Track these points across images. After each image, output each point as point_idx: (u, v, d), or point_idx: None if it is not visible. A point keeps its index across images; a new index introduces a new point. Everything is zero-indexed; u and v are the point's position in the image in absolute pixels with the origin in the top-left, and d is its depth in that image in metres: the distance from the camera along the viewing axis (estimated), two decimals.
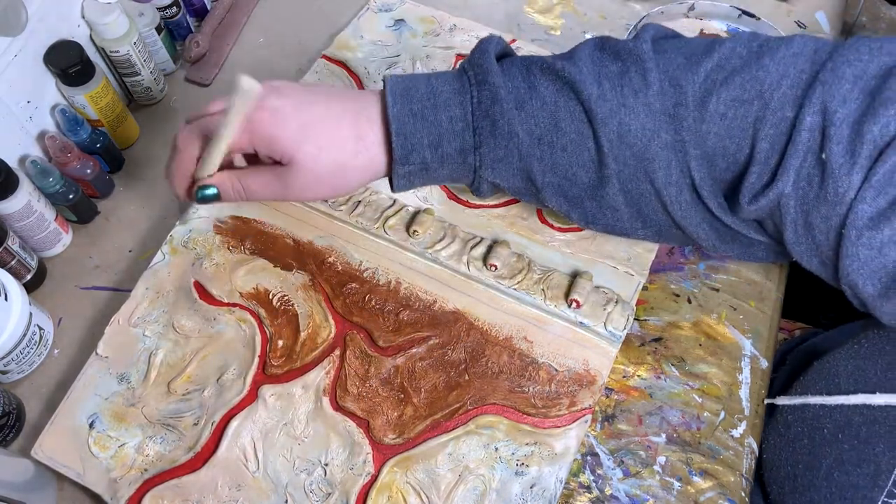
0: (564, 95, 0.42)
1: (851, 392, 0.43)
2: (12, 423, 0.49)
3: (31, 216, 0.52)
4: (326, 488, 0.46)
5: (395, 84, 0.44)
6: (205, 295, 0.52)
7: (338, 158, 0.43)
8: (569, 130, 0.42)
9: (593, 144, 0.42)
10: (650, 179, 0.42)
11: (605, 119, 0.41)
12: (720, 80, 0.41)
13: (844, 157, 0.37)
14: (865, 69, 0.38)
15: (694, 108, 0.41)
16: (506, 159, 0.44)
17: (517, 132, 0.42)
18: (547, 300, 0.52)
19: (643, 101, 0.41)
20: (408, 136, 0.43)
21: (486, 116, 0.42)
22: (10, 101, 0.53)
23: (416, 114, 0.43)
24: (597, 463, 0.48)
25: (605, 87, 0.41)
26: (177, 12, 0.65)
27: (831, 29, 0.72)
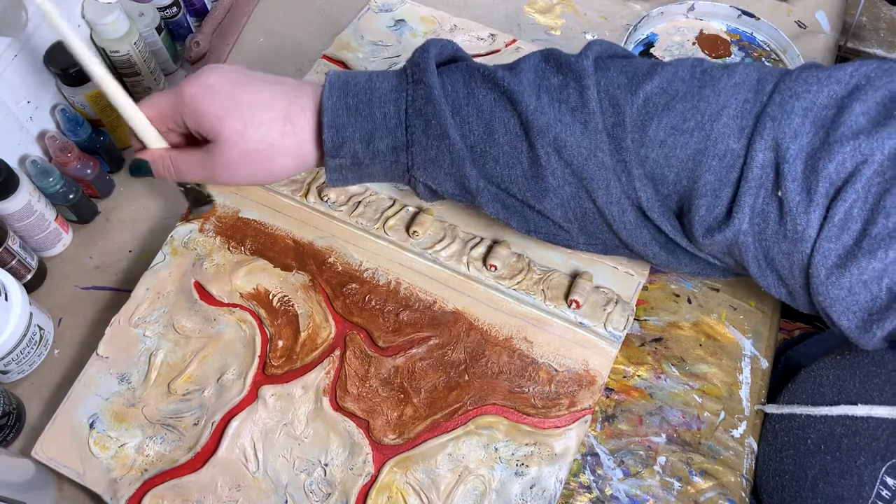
0: (501, 106, 0.42)
1: (834, 402, 0.43)
2: (12, 423, 0.49)
3: (32, 216, 0.52)
4: (326, 488, 0.46)
5: (336, 78, 0.44)
6: (205, 295, 0.52)
7: (264, 137, 0.43)
8: (503, 142, 0.42)
9: (527, 158, 0.42)
10: (592, 199, 0.42)
11: (541, 131, 0.41)
12: (661, 105, 0.40)
13: (801, 195, 0.37)
14: (815, 100, 0.38)
15: (632, 129, 0.40)
16: (437, 160, 0.43)
17: (449, 134, 0.42)
18: (547, 300, 0.52)
19: (580, 118, 0.41)
20: (339, 129, 0.43)
21: (420, 115, 0.42)
22: (10, 101, 0.53)
23: (351, 107, 0.43)
24: (597, 463, 0.48)
25: (544, 100, 0.41)
26: (177, 12, 0.65)
27: (831, 29, 0.72)
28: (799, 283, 0.40)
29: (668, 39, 0.70)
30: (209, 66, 0.44)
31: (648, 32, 0.70)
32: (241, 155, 0.43)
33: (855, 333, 0.39)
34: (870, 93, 0.37)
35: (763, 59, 0.68)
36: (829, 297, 0.38)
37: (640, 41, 0.70)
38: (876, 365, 0.42)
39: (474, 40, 0.66)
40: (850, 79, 0.38)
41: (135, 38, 0.59)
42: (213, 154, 0.43)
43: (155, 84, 0.63)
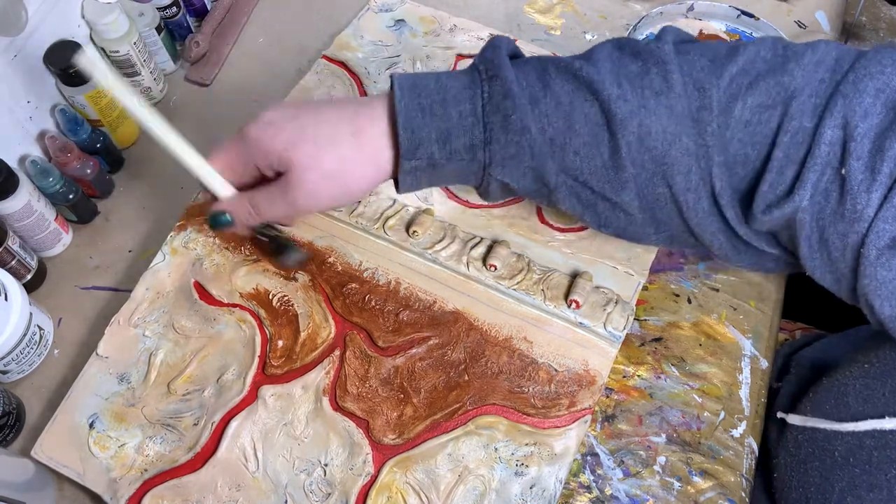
0: (580, 96, 0.41)
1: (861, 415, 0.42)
2: (12, 423, 0.49)
3: (31, 216, 0.52)
4: (326, 488, 0.46)
5: (404, 80, 0.43)
6: (205, 295, 0.52)
7: (339, 155, 0.42)
8: (583, 132, 0.41)
9: (607, 148, 0.41)
10: (668, 184, 0.41)
11: (624, 120, 0.40)
12: (745, 85, 0.40)
13: (864, 174, 0.36)
14: (889, 82, 0.38)
15: (718, 113, 0.40)
16: (517, 157, 0.42)
17: (530, 128, 0.41)
18: (547, 300, 0.52)
19: (665, 103, 0.40)
20: (415, 130, 0.42)
21: (498, 111, 0.41)
22: (10, 101, 0.53)
23: (425, 108, 0.42)
24: (597, 463, 0.48)
25: (626, 87, 0.40)
26: (177, 12, 0.65)
27: (831, 29, 0.72)
28: (848, 266, 0.39)
29: None
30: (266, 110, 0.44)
31: (648, 32, 0.70)
32: (319, 177, 0.42)
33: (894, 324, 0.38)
34: None
35: None
36: (875, 279, 0.37)
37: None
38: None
39: (474, 40, 0.66)
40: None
41: (135, 38, 0.59)
42: (291, 184, 0.42)
43: (155, 84, 0.63)
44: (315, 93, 0.62)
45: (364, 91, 0.63)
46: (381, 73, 0.64)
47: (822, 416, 0.46)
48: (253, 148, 0.43)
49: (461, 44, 0.66)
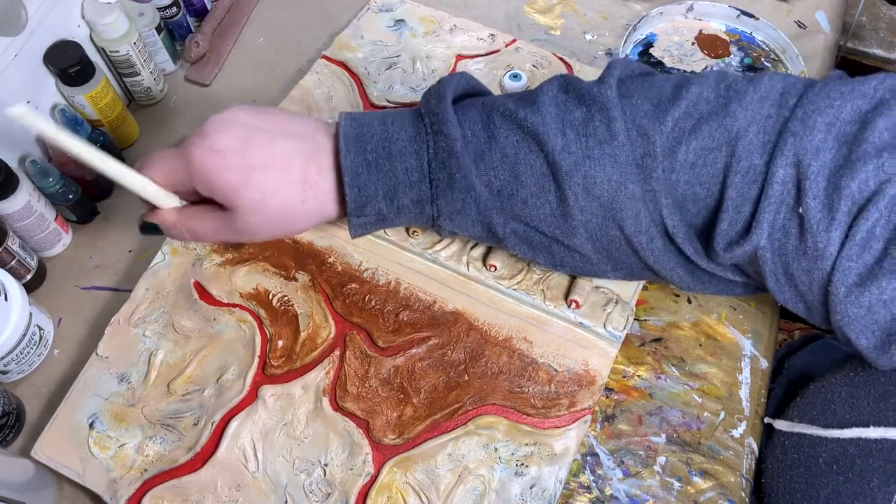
0: (525, 147, 0.41)
1: (846, 422, 0.42)
2: (12, 423, 0.49)
3: (31, 216, 0.52)
4: (326, 488, 0.46)
5: (350, 129, 0.42)
6: (205, 295, 0.52)
7: (284, 205, 0.42)
8: (529, 183, 0.41)
9: (555, 197, 0.41)
10: (619, 228, 0.41)
11: (569, 172, 0.40)
12: (688, 129, 0.40)
13: (822, 213, 0.36)
14: (838, 115, 0.37)
15: (662, 158, 0.40)
16: (463, 211, 0.43)
17: (474, 186, 0.41)
18: (546, 300, 0.52)
19: (609, 152, 0.40)
20: (362, 189, 0.42)
21: (443, 168, 0.41)
22: (10, 101, 0.52)
23: (371, 163, 0.41)
24: (597, 463, 0.48)
25: (570, 137, 0.40)
26: (177, 12, 0.65)
27: (831, 29, 0.72)
28: (818, 299, 0.39)
29: (667, 39, 0.70)
30: (213, 121, 0.42)
31: (648, 32, 0.70)
32: (262, 221, 0.42)
33: (873, 353, 0.38)
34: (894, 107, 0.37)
35: (762, 59, 0.69)
36: (847, 315, 0.37)
37: (640, 41, 0.70)
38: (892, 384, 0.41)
39: (474, 40, 0.66)
40: (875, 93, 0.38)
41: (134, 38, 0.59)
42: (232, 222, 0.42)
43: (155, 84, 0.63)
44: (315, 93, 0.62)
45: (364, 91, 0.63)
46: (381, 73, 0.64)
47: (808, 421, 0.46)
48: (196, 175, 0.41)
49: (461, 44, 0.66)
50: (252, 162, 0.41)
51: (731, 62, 0.68)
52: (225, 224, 0.43)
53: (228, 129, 0.42)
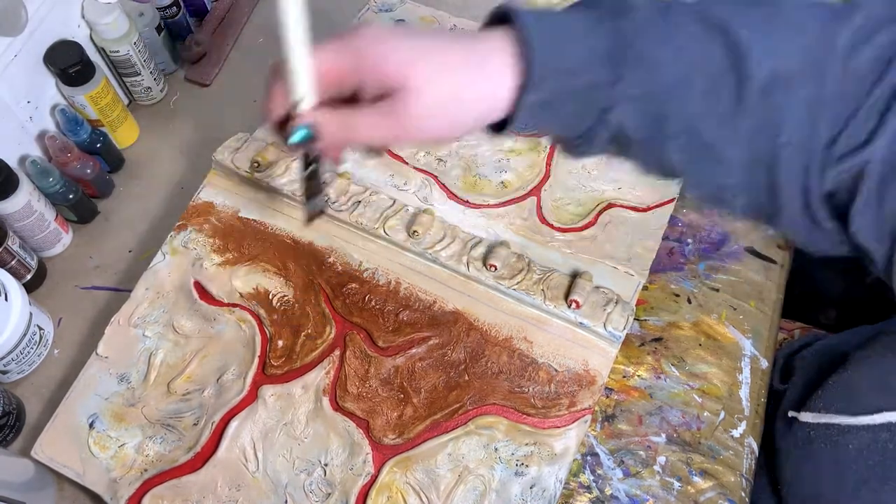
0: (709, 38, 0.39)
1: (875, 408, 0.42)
2: (12, 423, 0.49)
3: (31, 216, 0.52)
4: (326, 488, 0.46)
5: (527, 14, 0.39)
6: (205, 295, 0.52)
7: (459, 80, 0.39)
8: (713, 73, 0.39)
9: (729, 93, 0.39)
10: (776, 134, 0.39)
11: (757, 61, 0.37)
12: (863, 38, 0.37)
13: None
14: None
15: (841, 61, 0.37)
16: (641, 99, 0.40)
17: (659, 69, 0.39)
18: (547, 300, 0.52)
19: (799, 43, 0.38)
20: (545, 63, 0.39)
21: (629, 47, 0.39)
22: (10, 101, 0.53)
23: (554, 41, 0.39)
24: (597, 463, 0.48)
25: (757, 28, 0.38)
26: (177, 12, 0.65)
27: None
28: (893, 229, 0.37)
29: None
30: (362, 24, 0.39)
31: None
32: (434, 102, 0.39)
33: None
34: None
35: None
36: None
37: None
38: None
39: None
40: None
41: (135, 38, 0.59)
42: (401, 106, 0.38)
43: (155, 84, 0.63)
44: None
45: None
46: None
47: (835, 411, 0.46)
48: (363, 61, 0.38)
49: None
50: (419, 44, 0.39)
51: None
52: (390, 112, 0.39)
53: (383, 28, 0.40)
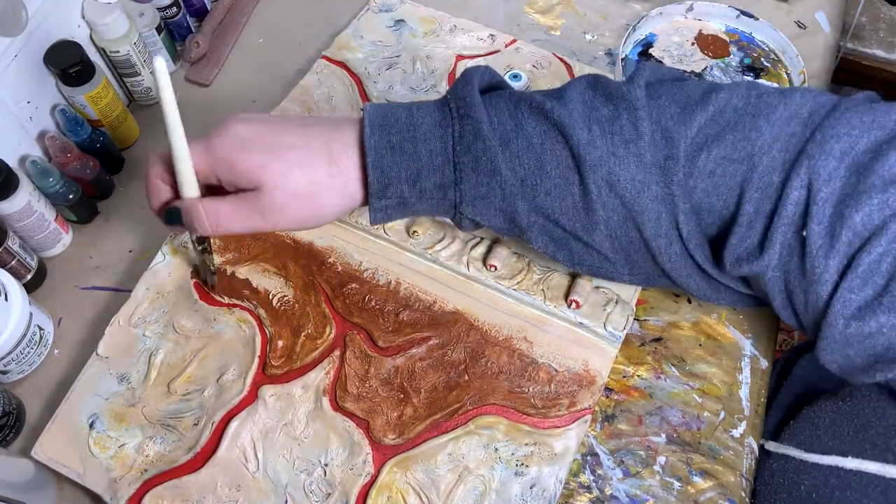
0: (552, 138, 0.41)
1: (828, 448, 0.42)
2: (12, 423, 0.49)
3: (31, 216, 0.52)
4: (326, 488, 0.46)
5: (374, 113, 0.42)
6: (205, 295, 0.52)
7: (311, 178, 0.41)
8: (554, 174, 0.41)
9: (578, 190, 0.41)
10: (639, 230, 0.41)
11: (594, 166, 0.40)
12: (712, 136, 0.40)
13: (824, 239, 0.37)
14: (854, 144, 0.37)
15: (684, 162, 0.40)
16: (488, 197, 0.42)
17: (500, 170, 0.41)
18: (547, 300, 0.52)
19: (634, 151, 0.40)
20: (385, 170, 0.41)
21: (468, 152, 0.41)
22: (10, 101, 0.53)
23: (395, 146, 0.41)
24: (597, 463, 0.48)
25: (595, 132, 0.40)
26: (177, 12, 0.65)
27: (831, 29, 0.72)
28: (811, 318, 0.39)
29: (666, 39, 0.70)
30: (232, 118, 0.42)
31: (647, 32, 0.70)
32: (288, 198, 0.41)
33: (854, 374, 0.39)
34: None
35: (762, 59, 0.69)
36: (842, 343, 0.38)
37: (639, 41, 0.70)
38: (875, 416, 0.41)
39: (474, 40, 0.67)
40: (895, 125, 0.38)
41: (135, 38, 0.59)
42: (258, 200, 0.41)
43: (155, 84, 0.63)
44: (315, 93, 0.62)
45: (364, 91, 0.63)
46: (381, 73, 0.64)
47: (795, 445, 0.46)
48: (220, 162, 0.41)
49: (461, 44, 0.66)
50: (276, 142, 0.41)
51: (731, 62, 0.68)
52: (250, 205, 0.41)
53: (246, 120, 0.42)
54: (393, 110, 0.42)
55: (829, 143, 0.37)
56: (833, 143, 0.37)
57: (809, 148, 0.38)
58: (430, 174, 0.41)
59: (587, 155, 0.40)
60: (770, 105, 0.40)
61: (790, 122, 0.39)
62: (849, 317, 0.37)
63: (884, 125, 0.38)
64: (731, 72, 0.67)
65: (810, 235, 0.37)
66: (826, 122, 0.38)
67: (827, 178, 0.37)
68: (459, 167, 0.41)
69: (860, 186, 0.36)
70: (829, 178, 0.37)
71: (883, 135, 0.37)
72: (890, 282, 0.35)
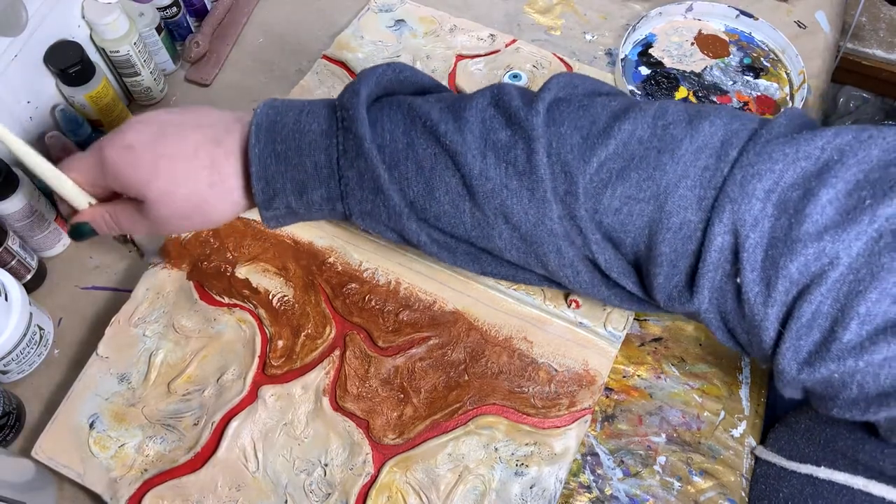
0: (442, 164, 0.39)
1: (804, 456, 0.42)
2: (12, 423, 0.49)
3: (31, 216, 0.52)
4: (326, 488, 0.46)
5: (264, 117, 0.40)
6: (205, 295, 0.52)
7: (192, 192, 0.40)
8: (444, 201, 0.39)
9: (470, 219, 0.39)
10: (541, 262, 0.40)
11: (486, 197, 0.38)
12: (616, 171, 0.37)
13: (760, 287, 0.35)
14: (779, 180, 0.35)
15: (585, 200, 0.38)
16: (374, 213, 0.41)
17: (384, 190, 0.39)
18: (546, 300, 0.52)
19: (527, 185, 0.38)
20: (269, 181, 0.40)
21: (352, 167, 0.39)
22: (10, 101, 0.53)
23: (280, 154, 0.39)
24: (597, 463, 0.48)
25: (490, 160, 0.38)
26: (177, 12, 0.65)
27: (831, 29, 0.72)
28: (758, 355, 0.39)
29: (666, 40, 0.70)
30: (130, 121, 0.41)
31: (647, 32, 0.70)
32: (172, 213, 0.41)
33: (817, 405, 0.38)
34: (840, 173, 0.34)
35: (762, 59, 0.69)
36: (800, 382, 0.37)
37: (639, 41, 0.70)
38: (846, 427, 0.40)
39: (474, 40, 0.67)
40: (822, 153, 0.35)
41: (134, 38, 0.59)
42: (146, 213, 0.41)
43: (155, 84, 0.63)
44: (315, 93, 0.62)
45: None
46: None
47: (776, 451, 0.46)
48: (108, 171, 0.41)
49: (461, 44, 0.66)
50: (161, 152, 0.40)
51: (731, 62, 0.68)
52: (141, 217, 0.42)
53: (142, 126, 0.41)
54: (284, 113, 0.41)
55: (751, 184, 0.35)
56: (755, 183, 0.35)
57: (730, 189, 0.35)
58: (317, 186, 0.40)
59: (480, 186, 0.38)
60: (675, 138, 0.37)
61: (699, 156, 0.37)
62: (801, 362, 0.35)
63: (809, 154, 0.35)
64: (730, 72, 0.67)
65: (744, 283, 0.35)
66: (745, 158, 0.36)
67: (753, 224, 0.35)
68: (344, 181, 0.40)
69: (793, 234, 0.34)
70: (756, 221, 0.35)
71: (809, 165, 0.35)
72: (835, 326, 0.34)
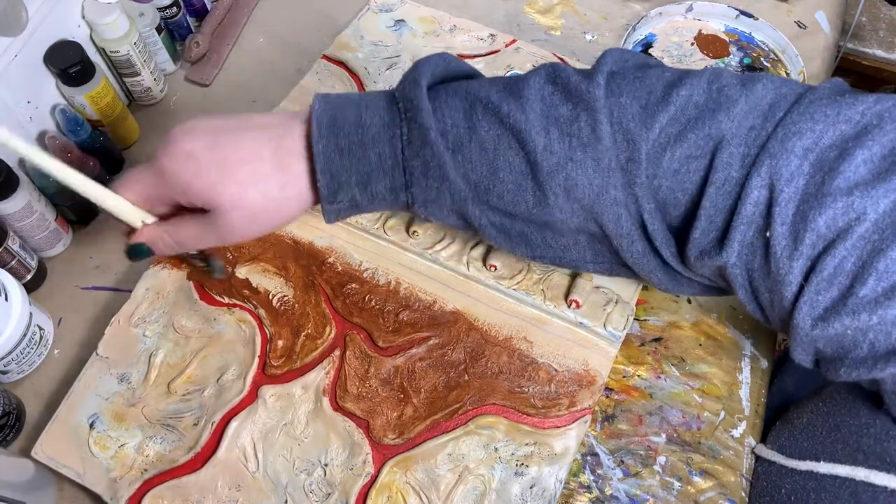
0: (505, 143, 0.40)
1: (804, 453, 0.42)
2: (12, 423, 0.49)
3: (32, 216, 0.52)
4: (326, 488, 0.46)
5: (322, 114, 0.41)
6: (205, 295, 0.52)
7: (265, 194, 0.40)
8: (507, 180, 0.40)
9: (532, 198, 0.40)
10: (601, 228, 0.41)
11: (550, 172, 0.39)
12: (674, 135, 0.39)
13: (787, 240, 0.36)
14: (818, 140, 0.36)
15: (647, 164, 0.39)
16: (438, 200, 0.41)
17: (449, 177, 0.40)
18: (546, 300, 0.52)
19: (592, 155, 0.39)
20: (334, 175, 0.40)
21: (417, 156, 0.40)
22: (10, 101, 0.53)
23: (343, 149, 0.40)
24: (597, 463, 0.48)
25: (553, 135, 0.39)
26: (177, 12, 0.65)
27: (831, 29, 0.72)
28: (777, 315, 0.39)
29: (666, 40, 0.70)
30: (180, 130, 0.41)
31: (647, 33, 0.70)
32: (246, 216, 0.40)
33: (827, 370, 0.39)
34: (877, 137, 0.35)
35: (762, 59, 0.69)
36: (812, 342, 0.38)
37: (639, 41, 0.70)
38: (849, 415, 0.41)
39: (474, 40, 0.67)
40: (861, 118, 0.36)
41: (134, 38, 0.59)
42: (217, 222, 0.41)
43: (155, 84, 0.63)
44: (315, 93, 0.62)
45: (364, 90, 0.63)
46: (381, 73, 0.64)
47: (777, 449, 0.46)
48: (171, 183, 0.40)
49: (461, 44, 0.66)
50: (223, 157, 0.40)
51: (731, 62, 0.68)
52: (209, 227, 0.41)
53: (193, 134, 0.41)
54: (342, 109, 0.41)
55: (791, 140, 0.36)
56: (795, 140, 0.36)
57: (771, 145, 0.37)
58: (381, 178, 0.41)
59: (544, 161, 0.39)
60: (731, 98, 0.39)
61: (749, 115, 0.38)
62: (816, 317, 0.36)
63: (850, 118, 0.36)
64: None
65: (774, 237, 0.36)
66: (788, 118, 0.37)
67: (789, 178, 0.36)
68: (409, 171, 0.40)
69: (824, 188, 0.36)
70: (792, 177, 0.36)
71: (849, 129, 0.36)
72: (854, 282, 0.35)
